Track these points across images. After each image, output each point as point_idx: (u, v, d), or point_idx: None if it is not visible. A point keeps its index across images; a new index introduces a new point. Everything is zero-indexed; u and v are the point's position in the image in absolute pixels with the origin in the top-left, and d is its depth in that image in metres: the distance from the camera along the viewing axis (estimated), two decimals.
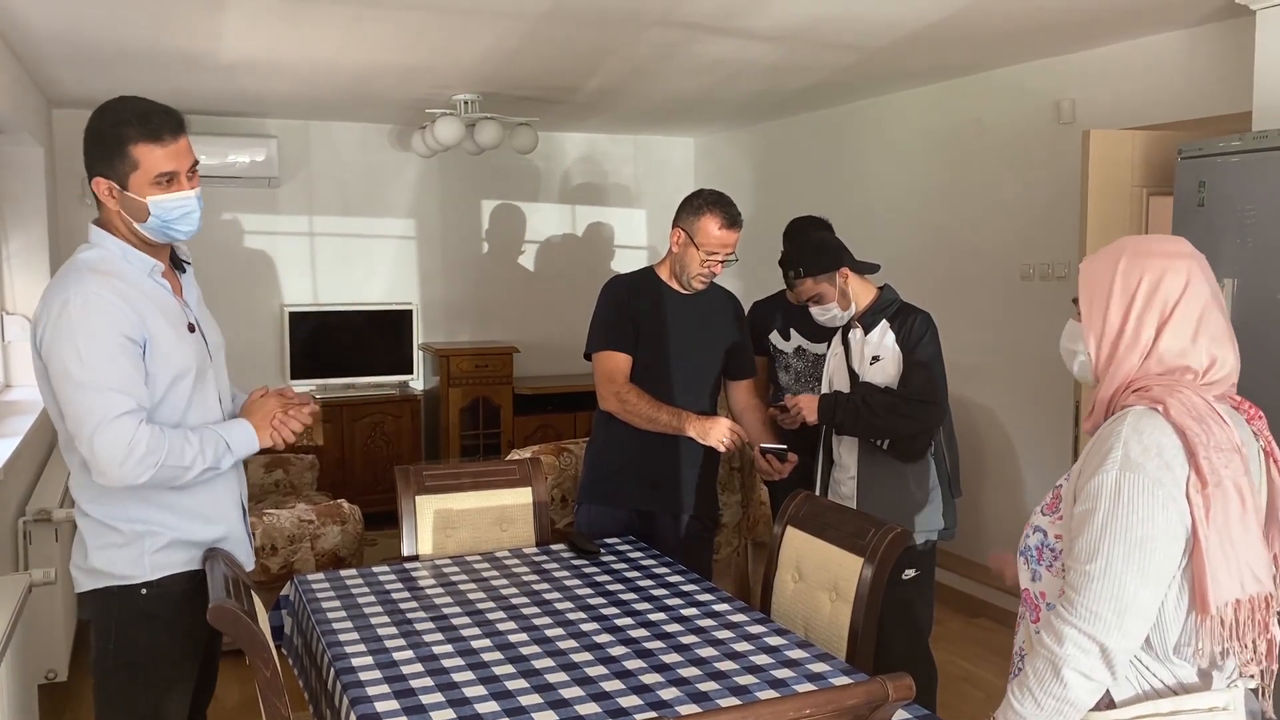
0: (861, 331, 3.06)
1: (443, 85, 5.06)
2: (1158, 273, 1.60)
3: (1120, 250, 1.66)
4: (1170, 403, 1.54)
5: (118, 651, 2.21)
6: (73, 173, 5.81)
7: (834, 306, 3.07)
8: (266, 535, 4.25)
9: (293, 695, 2.11)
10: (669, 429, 3.01)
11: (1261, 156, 2.81)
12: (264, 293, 6.42)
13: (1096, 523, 1.52)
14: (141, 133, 2.08)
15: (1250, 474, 1.54)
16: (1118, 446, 1.53)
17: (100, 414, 2.03)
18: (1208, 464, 1.49)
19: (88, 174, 2.14)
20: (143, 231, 2.16)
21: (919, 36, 3.97)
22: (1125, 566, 1.49)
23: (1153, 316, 1.60)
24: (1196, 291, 1.59)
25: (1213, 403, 1.55)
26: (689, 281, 3.12)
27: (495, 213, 7.00)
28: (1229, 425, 1.54)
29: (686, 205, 3.12)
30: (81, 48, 4.14)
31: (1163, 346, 1.60)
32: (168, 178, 2.11)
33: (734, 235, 3.09)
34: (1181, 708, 1.54)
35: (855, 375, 3.04)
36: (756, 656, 2.21)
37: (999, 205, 4.75)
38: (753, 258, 6.91)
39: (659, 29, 3.84)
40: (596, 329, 3.15)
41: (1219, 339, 1.60)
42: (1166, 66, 3.96)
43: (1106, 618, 1.49)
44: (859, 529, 2.51)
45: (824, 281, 3.05)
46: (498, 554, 2.94)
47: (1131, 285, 1.61)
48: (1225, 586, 1.48)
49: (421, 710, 1.95)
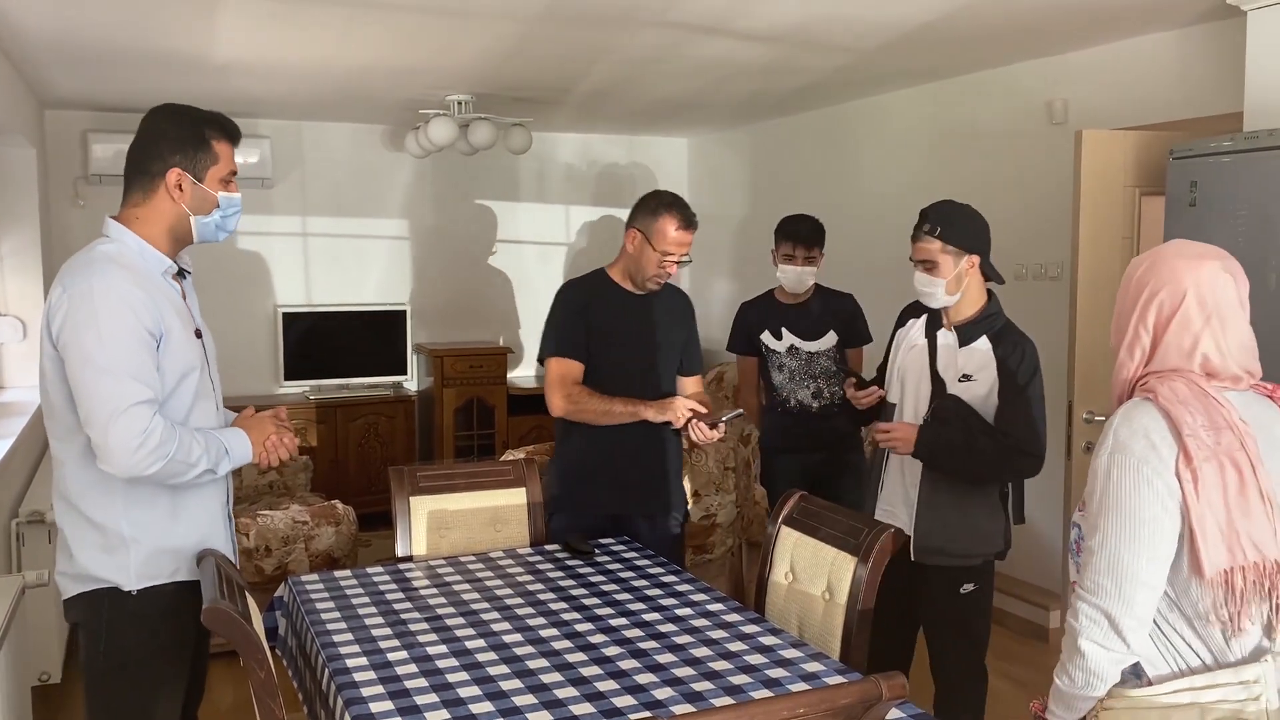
0: (956, 339, 2.79)
1: (436, 86, 5.06)
2: (1154, 286, 1.75)
3: (1152, 254, 1.81)
4: (1160, 390, 1.68)
5: (108, 653, 2.21)
6: (65, 174, 5.81)
7: (942, 285, 2.74)
8: (260, 536, 4.25)
9: (287, 696, 2.11)
10: (626, 417, 3.01)
11: (1252, 157, 2.82)
12: (257, 293, 6.41)
13: (1094, 503, 1.68)
14: (222, 132, 2.26)
15: (1253, 449, 1.64)
16: (1110, 434, 1.69)
17: (118, 400, 2.06)
18: (1193, 441, 1.61)
19: (150, 166, 2.19)
20: (194, 226, 2.24)
21: (911, 37, 3.98)
22: (1119, 540, 1.63)
23: (1148, 329, 1.75)
24: (1199, 305, 1.71)
25: (1206, 387, 1.68)
26: (644, 282, 3.12)
27: (489, 213, 7.00)
28: (1224, 405, 1.66)
29: (642, 207, 3.11)
30: (74, 49, 4.13)
31: (1157, 355, 1.74)
32: (231, 177, 2.29)
33: (690, 236, 3.09)
34: (1215, 682, 1.63)
35: (941, 383, 2.79)
36: (750, 656, 2.21)
37: (992, 206, 4.72)
38: (747, 259, 6.93)
39: (652, 30, 3.84)
40: (549, 334, 3.15)
41: (1225, 351, 1.71)
42: (1158, 67, 3.97)
43: (1108, 588, 1.64)
44: (852, 528, 2.52)
45: (950, 254, 2.73)
46: (492, 555, 2.94)
47: (1135, 298, 1.77)
48: (1218, 554, 1.60)
49: (416, 711, 1.95)
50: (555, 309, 3.18)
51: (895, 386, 2.93)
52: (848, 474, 3.88)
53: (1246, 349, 1.74)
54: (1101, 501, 1.66)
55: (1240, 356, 1.73)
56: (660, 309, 3.20)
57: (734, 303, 7.13)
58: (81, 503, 2.19)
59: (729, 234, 7.10)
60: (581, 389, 3.05)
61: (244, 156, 6.06)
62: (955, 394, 2.74)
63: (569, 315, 3.13)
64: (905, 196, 5.33)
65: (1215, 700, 1.61)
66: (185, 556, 2.25)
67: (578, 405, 3.04)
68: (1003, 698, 3.57)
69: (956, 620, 2.85)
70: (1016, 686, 3.82)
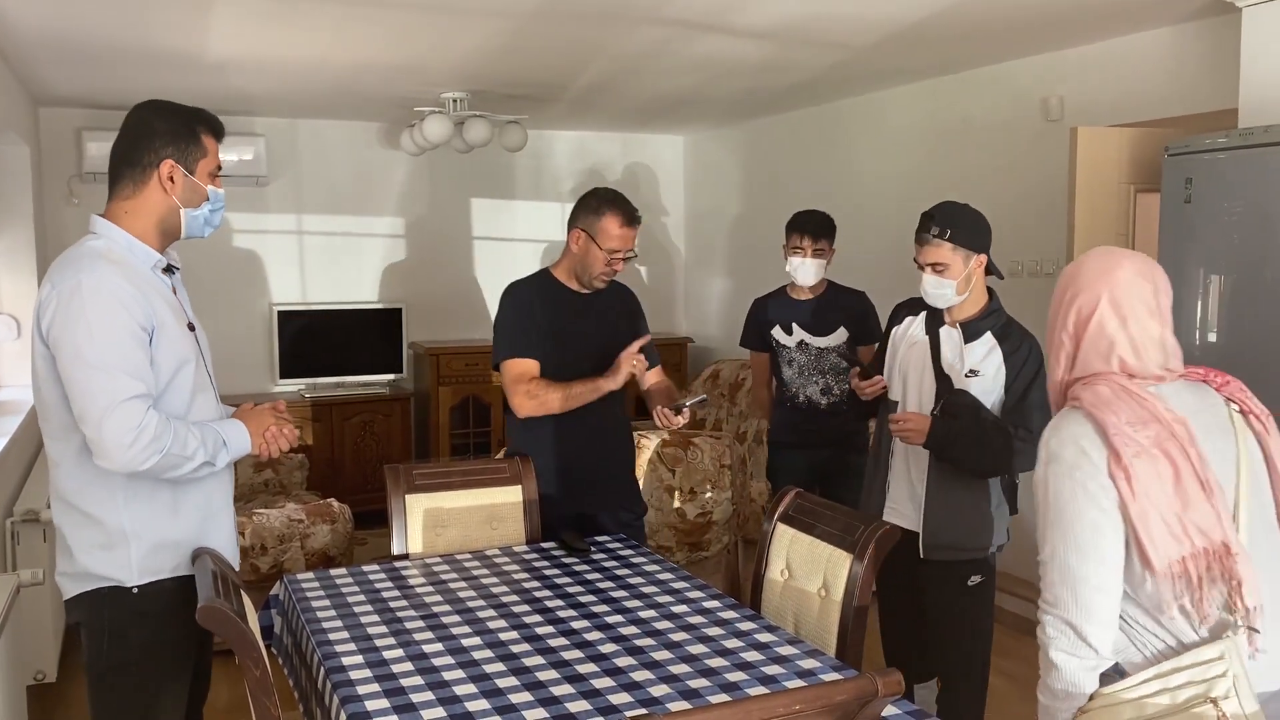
0: (960, 336, 2.81)
1: (431, 83, 5.06)
2: (1073, 292, 1.80)
3: (1069, 267, 1.86)
4: (1084, 397, 1.72)
5: (110, 652, 2.20)
6: (60, 172, 5.80)
7: (952, 286, 2.76)
8: (256, 535, 4.24)
9: (282, 695, 2.11)
10: (589, 395, 3.03)
11: (1247, 153, 2.82)
12: (252, 292, 6.40)
13: (1039, 516, 1.72)
14: (209, 127, 2.29)
15: (1186, 439, 1.66)
16: (1042, 446, 1.74)
17: (111, 395, 2.05)
18: (1120, 440, 1.63)
19: (142, 159, 2.19)
20: (184, 220, 2.25)
21: (907, 34, 3.98)
22: (1066, 549, 1.66)
23: (1069, 334, 1.80)
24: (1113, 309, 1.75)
25: (1129, 386, 1.70)
26: (591, 281, 3.13)
27: (484, 211, 6.99)
28: (1148, 399, 1.68)
29: (584, 206, 3.12)
30: (68, 46, 4.12)
31: (1079, 360, 1.79)
32: (216, 172, 2.32)
33: (634, 232, 3.11)
34: (1181, 665, 1.64)
35: (946, 378, 2.80)
36: (747, 653, 2.21)
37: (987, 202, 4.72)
38: (742, 256, 6.94)
39: (647, 26, 3.84)
40: (501, 338, 3.13)
41: (1141, 352, 1.75)
42: (1153, 64, 3.98)
43: (1065, 599, 1.66)
44: (848, 525, 2.52)
45: (960, 255, 2.74)
46: (488, 552, 2.94)
47: (1059, 304, 1.83)
48: (1165, 547, 1.61)
49: (412, 709, 1.95)
50: (503, 312, 3.17)
51: (896, 383, 2.94)
52: (853, 472, 3.88)
53: (1165, 349, 1.76)
54: (1044, 514, 1.69)
55: (1157, 357, 1.75)
56: (607, 307, 3.22)
57: (729, 300, 7.17)
58: (80, 500, 2.18)
59: (724, 231, 7.10)
60: (539, 382, 3.06)
61: (239, 154, 6.07)
62: (963, 389, 2.76)
63: (518, 316, 3.13)
64: (901, 193, 5.34)
65: (1182, 684, 1.63)
66: (186, 551, 2.25)
67: (540, 400, 3.05)
68: (997, 693, 3.57)
69: (963, 614, 2.86)
70: (1011, 682, 3.83)
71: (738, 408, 6.08)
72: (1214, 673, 1.61)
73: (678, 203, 7.56)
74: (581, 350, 3.13)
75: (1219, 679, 1.61)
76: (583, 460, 3.15)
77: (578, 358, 3.11)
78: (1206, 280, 2.93)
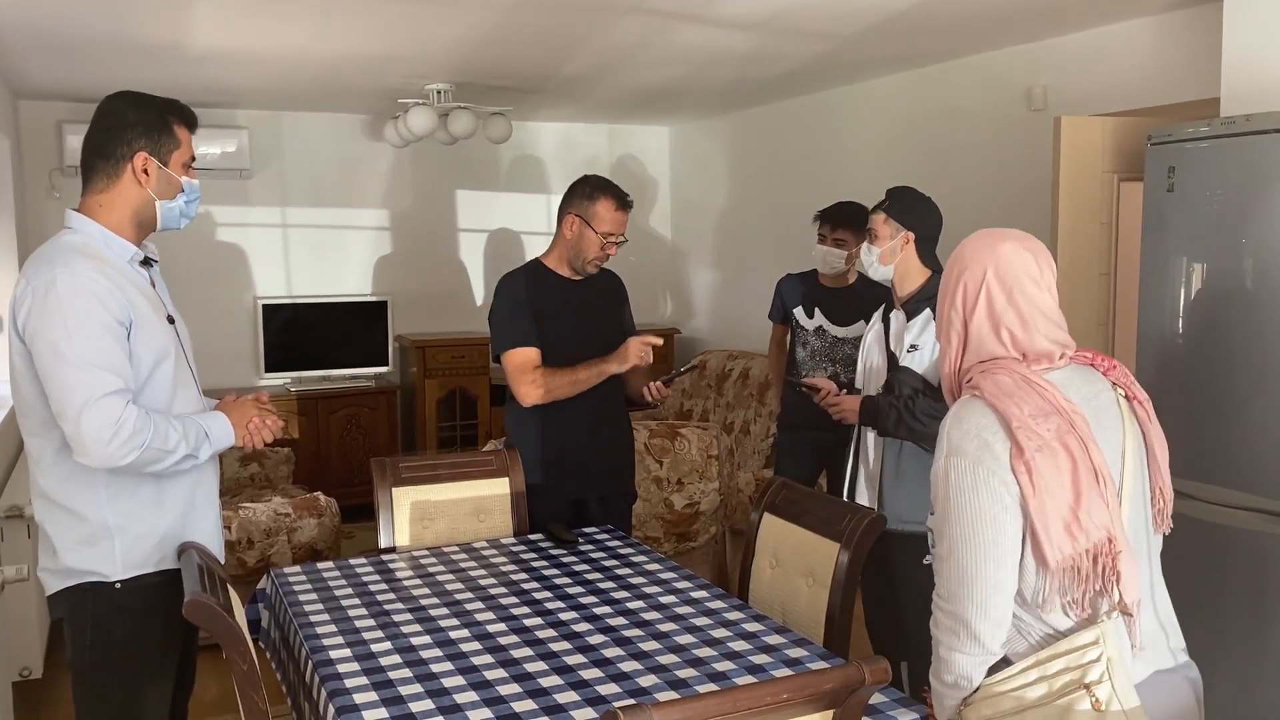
0: (904, 316, 2.97)
1: (415, 75, 5.03)
2: (959, 270, 1.79)
3: (956, 249, 1.83)
4: (984, 386, 1.68)
5: (94, 647, 2.19)
6: (40, 165, 5.75)
7: (877, 252, 2.96)
8: (242, 529, 4.23)
9: (270, 689, 2.10)
10: (595, 379, 3.08)
11: (1229, 142, 2.83)
12: (237, 285, 6.36)
13: (938, 509, 1.68)
14: (181, 118, 2.26)
15: (1083, 429, 1.64)
16: (944, 437, 1.69)
17: (88, 391, 2.04)
18: (1024, 434, 1.60)
19: (115, 152, 2.18)
20: (159, 212, 2.23)
21: (891, 23, 3.98)
22: (965, 546, 1.63)
23: (958, 312, 1.78)
24: (999, 281, 1.74)
25: (1028, 374, 1.68)
26: (585, 266, 3.18)
27: (470, 203, 6.96)
28: (1047, 388, 1.66)
29: (576, 192, 3.17)
30: (48, 38, 4.08)
31: (970, 339, 1.77)
32: (190, 163, 2.29)
33: (626, 216, 3.18)
34: (1058, 651, 1.64)
35: (894, 358, 2.96)
36: (734, 643, 2.22)
37: (972, 192, 4.77)
38: (729, 246, 6.93)
39: (631, 17, 3.83)
40: (500, 329, 3.17)
41: (1028, 322, 1.74)
42: (1136, 53, 3.99)
43: (960, 596, 1.64)
44: (834, 515, 2.53)
45: (889, 226, 2.95)
46: (475, 545, 2.94)
47: (946, 284, 1.81)
48: (1062, 543, 1.59)
49: (400, 701, 1.95)
50: (499, 303, 3.20)
51: (861, 372, 3.10)
52: None
53: (1052, 321, 1.75)
54: (944, 508, 1.66)
55: (1047, 329, 1.74)
56: (598, 292, 3.27)
57: (716, 291, 7.18)
58: (62, 496, 2.17)
59: (711, 222, 7.10)
60: (544, 371, 3.09)
61: (222, 147, 6.03)
62: (906, 365, 2.89)
63: (514, 306, 3.16)
64: (887, 183, 5.27)
65: (1059, 670, 1.62)
66: (170, 545, 2.24)
67: (546, 388, 3.08)
68: None
69: (921, 589, 2.87)
70: None
71: (725, 398, 6.08)
72: (1089, 658, 1.61)
73: (664, 193, 7.55)
74: (576, 335, 3.17)
75: (1093, 664, 1.60)
76: (583, 444, 3.18)
77: (572, 343, 3.14)
78: (1189, 268, 2.94)
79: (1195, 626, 2.01)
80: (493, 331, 3.19)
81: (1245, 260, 2.81)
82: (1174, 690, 1.72)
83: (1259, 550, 2.69)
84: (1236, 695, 2.72)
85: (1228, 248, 2.84)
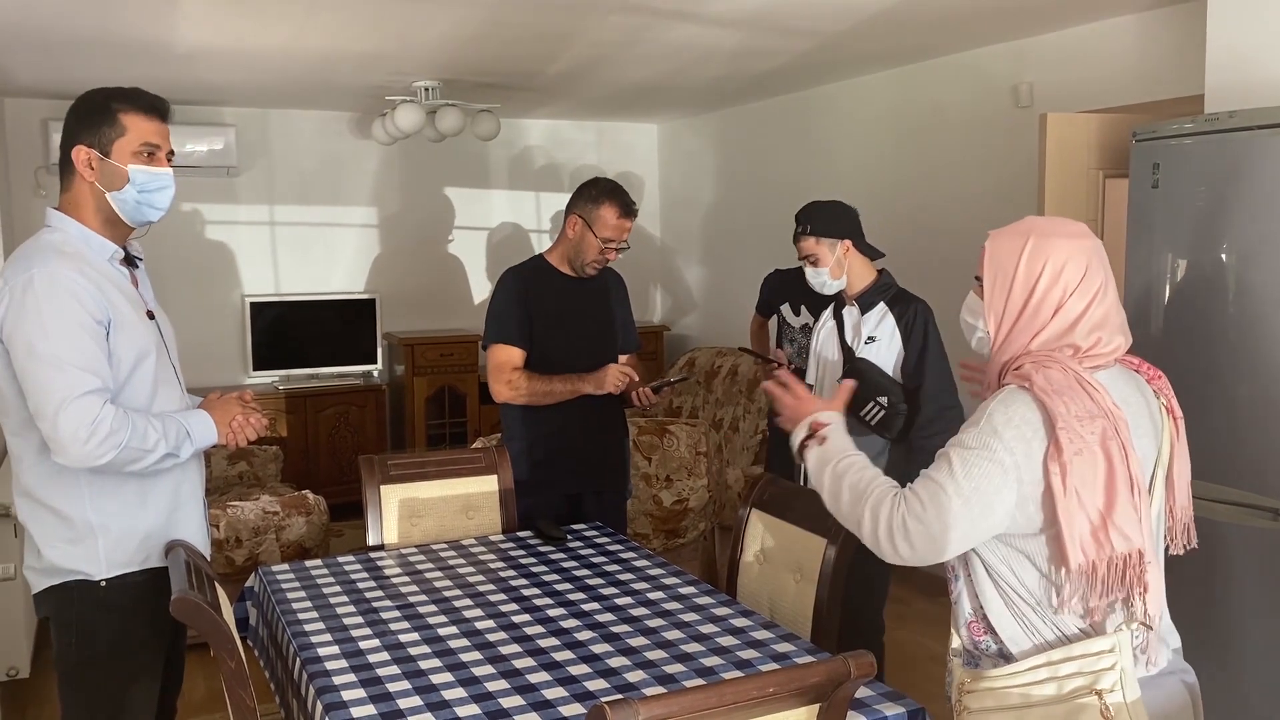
0: (858, 310, 3.12)
1: (402, 72, 5.02)
2: (1061, 259, 1.70)
3: (1027, 232, 1.75)
4: (1035, 379, 1.64)
5: (79, 645, 2.18)
6: (26, 163, 5.72)
7: (826, 272, 3.13)
8: (231, 527, 4.22)
9: (258, 687, 2.10)
10: (567, 394, 3.12)
11: (1213, 139, 2.85)
12: (224, 283, 6.34)
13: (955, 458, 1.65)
14: (132, 104, 2.17)
15: (1126, 435, 1.63)
16: (986, 415, 1.66)
17: (65, 391, 2.02)
18: (1066, 435, 1.58)
19: (66, 148, 2.16)
20: (115, 205, 2.17)
21: (877, 20, 3.99)
22: (961, 509, 1.62)
23: (1052, 300, 1.70)
24: (1093, 278, 1.70)
25: (1081, 373, 1.65)
26: (584, 268, 3.21)
27: (458, 200, 6.95)
28: (1098, 389, 1.64)
29: (583, 194, 3.20)
30: (33, 35, 4.06)
31: (1052, 329, 1.70)
32: (150, 151, 2.18)
33: (629, 224, 3.19)
34: (1071, 654, 1.64)
35: (850, 350, 3.08)
36: (722, 638, 2.23)
37: (958, 188, 4.79)
38: (717, 244, 6.94)
39: (619, 14, 3.83)
40: (491, 321, 3.22)
41: (1106, 323, 1.71)
42: (1122, 50, 4.01)
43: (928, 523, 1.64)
44: (821, 510, 2.52)
45: (825, 245, 3.12)
46: (464, 542, 2.94)
47: (1036, 269, 1.71)
48: (1087, 547, 1.58)
49: (388, 698, 1.95)
50: (496, 296, 3.24)
51: (813, 367, 3.21)
52: None
53: (1119, 322, 1.74)
54: (959, 463, 1.64)
55: (1120, 324, 1.73)
56: (599, 290, 3.30)
57: (705, 288, 7.19)
58: (44, 495, 2.16)
59: (699, 219, 7.10)
60: (521, 374, 3.13)
61: (209, 144, 6.00)
62: (863, 356, 3.03)
63: (509, 302, 3.19)
64: (874, 180, 5.36)
65: (1070, 673, 1.62)
66: (155, 543, 2.23)
67: (518, 390, 3.14)
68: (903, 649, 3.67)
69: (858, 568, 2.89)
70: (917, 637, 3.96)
71: (714, 395, 6.09)
72: (1103, 665, 1.61)
73: (652, 191, 7.55)
74: (574, 333, 3.20)
75: (1107, 671, 1.61)
76: (578, 438, 3.20)
77: (571, 340, 3.18)
78: (1173, 264, 2.96)
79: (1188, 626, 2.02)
80: (486, 320, 3.24)
81: (1229, 256, 2.82)
82: (1170, 693, 1.73)
83: (1242, 543, 2.71)
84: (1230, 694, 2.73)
85: (1212, 243, 2.86)
